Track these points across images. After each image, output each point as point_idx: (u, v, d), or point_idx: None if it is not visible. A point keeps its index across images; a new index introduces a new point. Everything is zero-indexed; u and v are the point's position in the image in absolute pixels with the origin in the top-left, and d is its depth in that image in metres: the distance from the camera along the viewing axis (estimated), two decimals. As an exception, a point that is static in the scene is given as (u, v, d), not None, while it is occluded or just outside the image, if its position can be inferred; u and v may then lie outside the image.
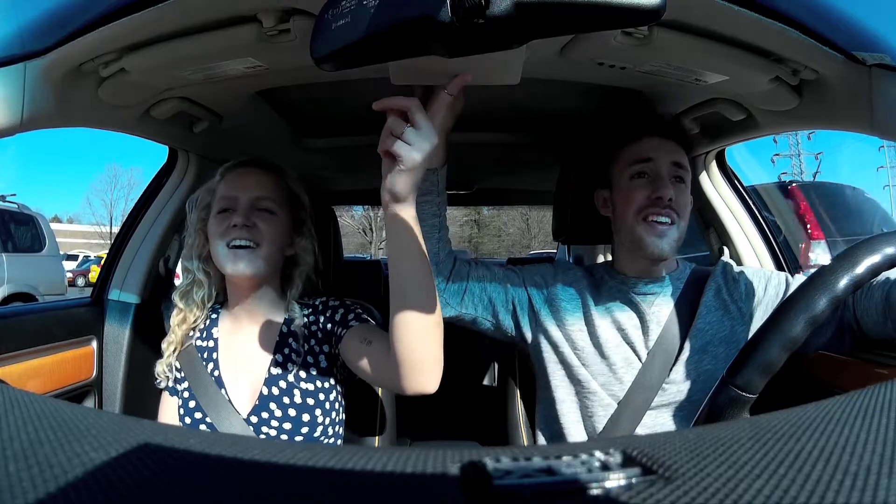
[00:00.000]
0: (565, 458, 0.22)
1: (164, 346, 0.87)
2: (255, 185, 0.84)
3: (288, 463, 0.22)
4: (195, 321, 0.88)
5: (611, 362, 0.83)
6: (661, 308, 0.84)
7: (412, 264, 0.62)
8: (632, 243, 0.83)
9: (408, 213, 0.60)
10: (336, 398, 0.86)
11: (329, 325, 0.83)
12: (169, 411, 0.87)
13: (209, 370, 0.84)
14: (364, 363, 0.75)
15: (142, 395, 1.08)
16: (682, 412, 0.81)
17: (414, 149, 0.57)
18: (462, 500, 0.19)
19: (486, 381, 1.91)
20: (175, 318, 0.87)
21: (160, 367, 0.86)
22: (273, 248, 0.83)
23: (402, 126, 0.57)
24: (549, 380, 0.89)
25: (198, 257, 0.85)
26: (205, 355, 0.85)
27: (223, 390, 0.82)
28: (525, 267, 0.93)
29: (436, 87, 0.64)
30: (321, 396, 0.83)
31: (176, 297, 0.87)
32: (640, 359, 0.83)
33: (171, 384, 0.87)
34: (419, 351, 0.64)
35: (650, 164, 0.82)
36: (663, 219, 0.80)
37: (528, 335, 0.89)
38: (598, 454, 0.22)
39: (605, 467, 0.21)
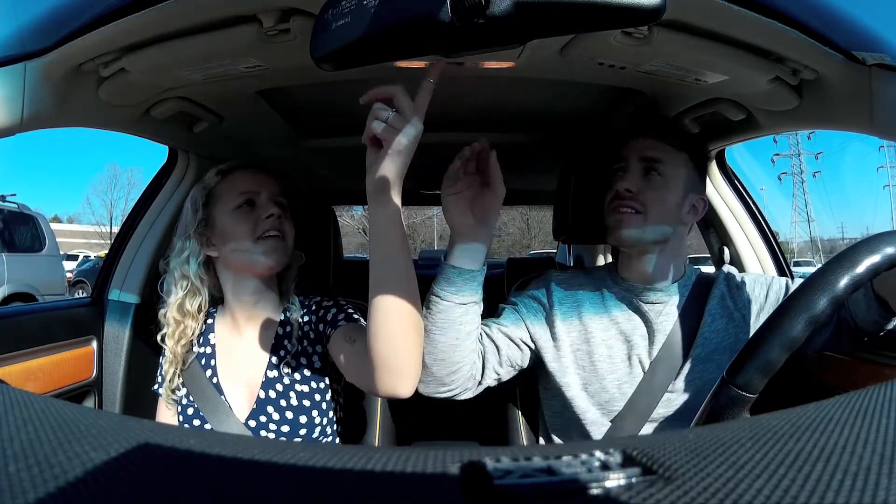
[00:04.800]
0: (565, 458, 0.22)
1: (164, 367, 0.84)
2: (273, 183, 0.85)
3: (288, 463, 0.22)
4: (192, 334, 0.84)
5: (616, 378, 0.82)
6: (668, 318, 0.83)
7: (395, 259, 0.60)
8: (609, 236, 0.87)
9: (393, 204, 0.59)
10: (333, 398, 0.85)
11: (321, 326, 0.83)
12: (165, 420, 0.86)
13: (208, 376, 0.83)
14: (346, 362, 0.74)
15: (142, 395, 1.08)
16: (686, 423, 0.79)
17: (400, 132, 0.56)
18: (462, 499, 0.19)
19: None
20: (172, 336, 0.83)
21: (164, 393, 0.84)
22: (290, 243, 0.83)
23: (387, 111, 0.57)
24: (545, 412, 0.90)
25: (195, 262, 0.82)
26: (203, 362, 0.84)
27: (223, 396, 0.81)
28: (521, 299, 0.89)
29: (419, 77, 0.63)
30: (317, 397, 0.82)
31: (172, 312, 0.82)
32: (643, 368, 0.81)
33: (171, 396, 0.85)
34: (395, 352, 0.62)
35: (623, 164, 0.86)
36: (623, 209, 0.83)
37: (537, 362, 0.87)
38: (598, 454, 0.22)
39: (605, 467, 0.21)
